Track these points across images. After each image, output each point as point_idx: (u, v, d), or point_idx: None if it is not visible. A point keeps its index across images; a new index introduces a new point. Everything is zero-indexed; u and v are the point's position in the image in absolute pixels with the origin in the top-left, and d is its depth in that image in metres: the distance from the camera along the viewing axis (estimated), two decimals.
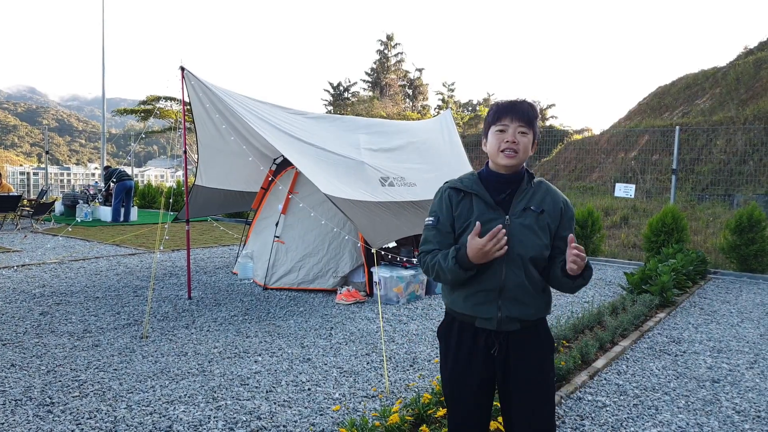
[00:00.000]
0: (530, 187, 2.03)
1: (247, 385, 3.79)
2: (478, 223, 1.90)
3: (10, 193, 13.07)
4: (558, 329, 4.74)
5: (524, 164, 2.05)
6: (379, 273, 6.18)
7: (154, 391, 3.66)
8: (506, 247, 1.86)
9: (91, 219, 14.25)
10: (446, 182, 2.13)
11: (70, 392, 3.60)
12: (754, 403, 3.72)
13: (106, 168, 17.05)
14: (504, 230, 1.86)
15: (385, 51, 45.13)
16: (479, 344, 2.01)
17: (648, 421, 3.40)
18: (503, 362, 2.00)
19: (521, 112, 1.96)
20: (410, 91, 45.74)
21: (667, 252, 8.08)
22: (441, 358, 2.15)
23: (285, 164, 7.20)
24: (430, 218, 2.09)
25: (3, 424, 3.15)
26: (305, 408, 3.45)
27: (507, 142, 1.95)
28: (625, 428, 3.30)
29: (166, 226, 10.56)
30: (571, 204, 2.10)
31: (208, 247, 10.43)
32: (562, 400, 3.64)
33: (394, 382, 3.92)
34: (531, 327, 2.00)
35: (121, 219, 14.27)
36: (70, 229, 11.11)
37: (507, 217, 1.97)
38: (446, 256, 1.96)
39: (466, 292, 2.00)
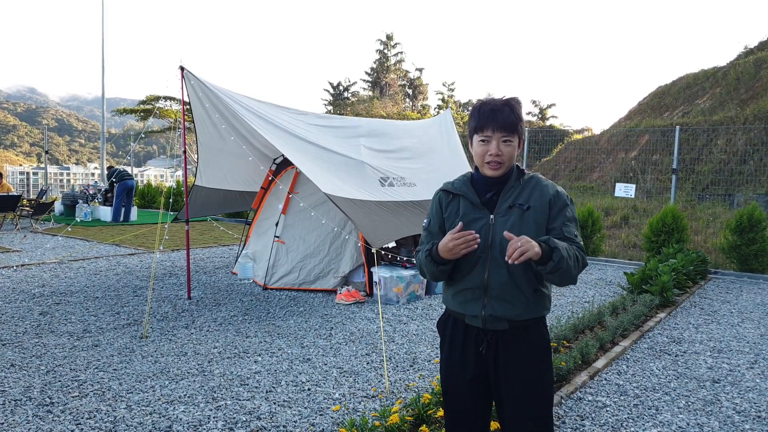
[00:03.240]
0: (518, 184, 2.00)
1: (247, 385, 3.79)
2: (460, 223, 1.92)
3: (10, 193, 13.07)
4: (558, 329, 4.74)
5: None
6: (379, 273, 6.18)
7: (153, 391, 3.65)
8: (475, 246, 1.86)
9: (90, 219, 14.25)
10: (443, 184, 2.17)
11: (69, 392, 3.60)
12: (755, 403, 3.71)
13: (109, 168, 17.05)
14: (475, 233, 1.86)
15: (385, 51, 45.11)
16: (469, 341, 2.03)
17: (648, 422, 3.39)
18: (494, 361, 2.00)
19: (503, 121, 1.91)
20: (410, 91, 45.72)
21: (668, 252, 8.08)
22: (440, 351, 2.18)
23: (285, 164, 7.19)
24: (425, 220, 2.17)
25: (3, 424, 3.14)
26: (305, 408, 3.45)
27: (491, 155, 1.93)
28: (625, 428, 3.29)
29: (165, 226, 10.56)
30: (565, 194, 2.01)
31: (208, 247, 10.42)
32: (562, 400, 3.63)
33: (394, 382, 3.92)
34: (521, 327, 1.98)
35: (121, 219, 14.27)
36: (69, 229, 11.10)
37: (492, 216, 1.97)
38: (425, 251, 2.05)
39: (454, 290, 2.04)
